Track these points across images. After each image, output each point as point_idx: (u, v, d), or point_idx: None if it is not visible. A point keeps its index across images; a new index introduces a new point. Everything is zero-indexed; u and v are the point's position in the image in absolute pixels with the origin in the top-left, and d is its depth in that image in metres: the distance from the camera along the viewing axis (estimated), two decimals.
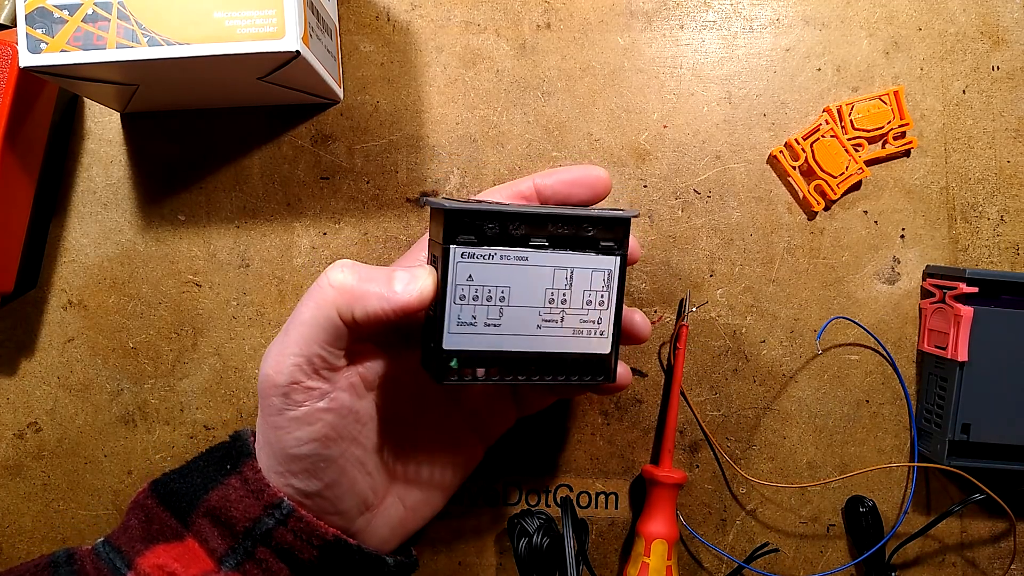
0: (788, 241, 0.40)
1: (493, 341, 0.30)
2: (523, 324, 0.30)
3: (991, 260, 0.40)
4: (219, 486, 0.31)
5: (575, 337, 0.31)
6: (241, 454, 0.31)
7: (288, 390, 0.28)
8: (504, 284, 0.29)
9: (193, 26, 0.30)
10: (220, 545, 0.30)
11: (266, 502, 0.30)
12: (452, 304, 0.29)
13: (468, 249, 0.29)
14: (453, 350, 0.29)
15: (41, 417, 0.40)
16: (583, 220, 0.30)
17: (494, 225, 0.29)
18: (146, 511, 0.31)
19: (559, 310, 0.31)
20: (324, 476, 0.30)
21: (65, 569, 0.30)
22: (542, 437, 0.40)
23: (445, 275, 0.29)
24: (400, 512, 0.34)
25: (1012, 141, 0.40)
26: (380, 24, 0.40)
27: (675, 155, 0.40)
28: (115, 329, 0.40)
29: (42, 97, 0.37)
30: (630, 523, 0.40)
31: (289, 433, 0.29)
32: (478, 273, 0.29)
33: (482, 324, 0.30)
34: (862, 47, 0.40)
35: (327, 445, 0.29)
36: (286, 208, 0.40)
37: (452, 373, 0.30)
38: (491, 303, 0.29)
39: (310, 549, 0.30)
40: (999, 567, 0.40)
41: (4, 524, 0.39)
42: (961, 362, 0.37)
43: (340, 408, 0.29)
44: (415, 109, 0.40)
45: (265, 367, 0.29)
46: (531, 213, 0.29)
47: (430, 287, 0.29)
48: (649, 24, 0.40)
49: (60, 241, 0.40)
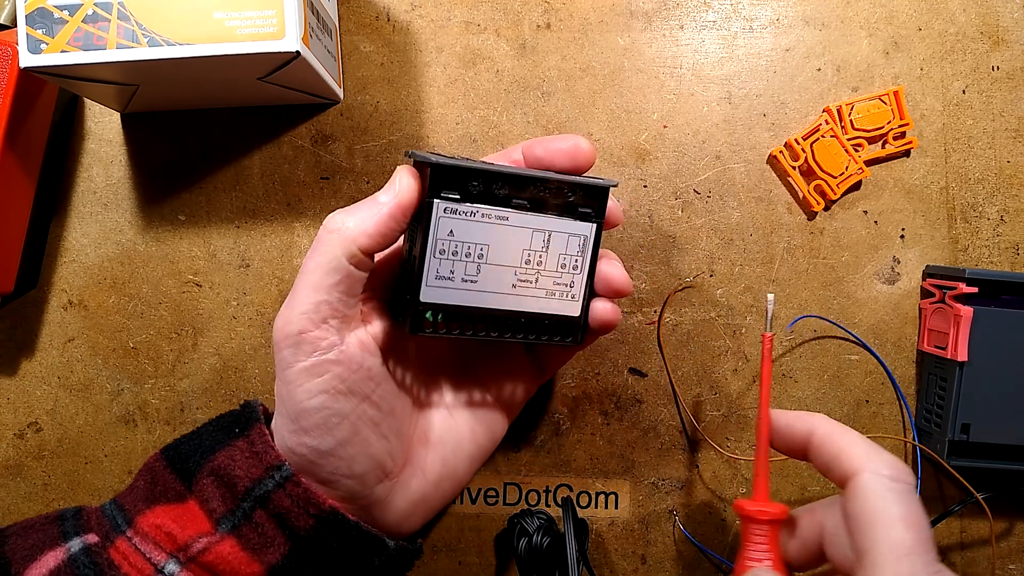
0: (788, 241, 0.40)
1: (469, 297, 0.30)
2: (499, 282, 0.31)
3: (991, 260, 0.40)
4: (225, 447, 0.31)
5: (547, 298, 0.32)
6: (251, 419, 0.32)
7: (297, 339, 0.29)
8: (483, 242, 0.30)
9: (193, 26, 0.30)
10: (220, 506, 0.30)
11: (268, 463, 0.30)
12: (432, 257, 0.29)
13: (451, 204, 0.29)
14: (429, 303, 0.30)
15: (41, 417, 0.40)
16: (564, 185, 0.31)
17: (478, 183, 0.29)
18: (153, 473, 0.32)
19: (534, 271, 0.31)
20: (336, 432, 0.30)
21: (71, 522, 0.31)
22: (542, 437, 0.40)
23: (427, 228, 0.29)
24: (422, 485, 0.34)
25: (1012, 141, 0.40)
26: (380, 24, 0.40)
27: (675, 155, 0.40)
28: (115, 329, 0.40)
29: (42, 97, 0.38)
30: (630, 523, 0.40)
31: (300, 385, 0.29)
32: (459, 229, 0.29)
33: (459, 280, 0.30)
34: (862, 47, 0.40)
35: (336, 398, 0.30)
36: (286, 208, 0.40)
37: (427, 325, 0.30)
38: (469, 259, 0.30)
39: (306, 518, 0.30)
40: (999, 567, 0.40)
41: (4, 524, 0.39)
42: (961, 362, 0.37)
43: (349, 361, 0.30)
44: (415, 109, 0.40)
45: (276, 324, 0.30)
46: (515, 174, 0.30)
47: (409, 180, 0.29)
48: (649, 24, 0.40)
49: (60, 241, 0.40)
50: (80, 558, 0.29)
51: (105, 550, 0.30)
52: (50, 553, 0.30)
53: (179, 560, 0.29)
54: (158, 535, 0.30)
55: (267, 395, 0.40)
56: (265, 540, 0.30)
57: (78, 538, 0.30)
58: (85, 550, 0.30)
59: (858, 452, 0.28)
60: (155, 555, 0.29)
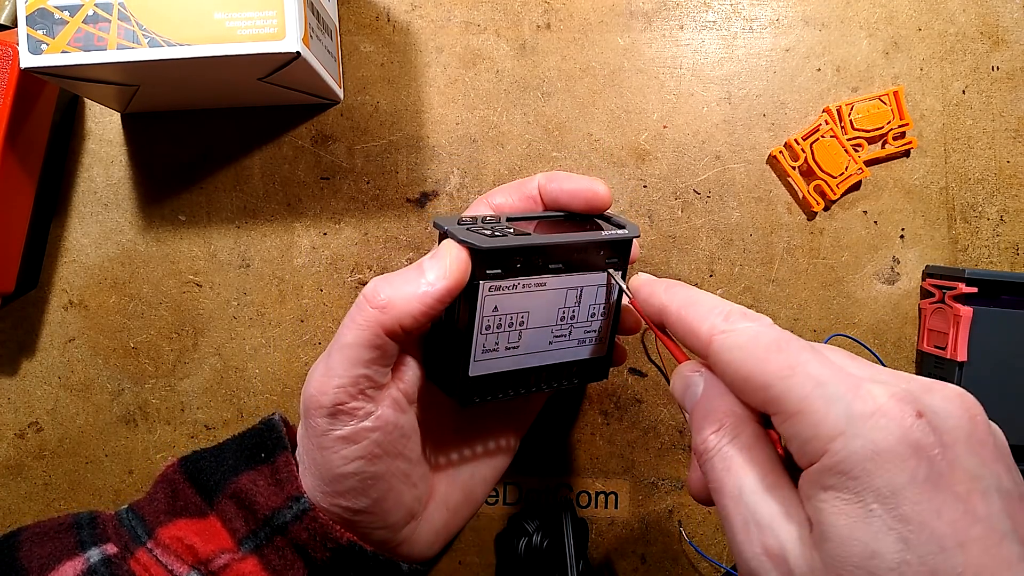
0: (788, 241, 0.40)
1: (511, 362, 0.31)
2: (538, 343, 0.31)
3: (991, 260, 0.40)
4: (249, 471, 0.31)
5: (579, 346, 0.33)
6: (277, 446, 0.32)
7: (333, 411, 0.28)
8: (524, 310, 0.30)
9: (194, 27, 0.30)
10: (242, 527, 0.30)
11: (288, 494, 0.30)
12: (478, 334, 0.29)
13: (495, 282, 0.29)
14: (478, 376, 0.30)
15: (42, 417, 0.40)
16: (598, 246, 0.31)
17: (520, 257, 0.29)
18: (173, 486, 0.32)
19: (568, 325, 0.32)
20: (372, 493, 0.30)
21: (87, 531, 0.31)
22: (542, 437, 0.40)
23: (473, 309, 0.29)
24: (444, 516, 0.34)
25: (1012, 141, 0.40)
26: (380, 24, 0.40)
27: (675, 155, 0.40)
28: (116, 329, 0.40)
29: (43, 97, 0.38)
30: (630, 523, 0.40)
31: (335, 452, 0.29)
32: (503, 303, 0.30)
33: (503, 349, 0.30)
34: (862, 47, 0.40)
35: (373, 462, 0.29)
36: (286, 208, 0.40)
37: (476, 398, 0.30)
38: (512, 328, 0.30)
39: (323, 550, 0.30)
40: None
41: (5, 524, 0.39)
42: (960, 362, 0.37)
43: (385, 425, 0.29)
44: (415, 109, 0.40)
45: (309, 388, 0.29)
46: (553, 244, 0.30)
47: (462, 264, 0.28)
48: (649, 24, 0.40)
49: (61, 241, 0.40)
50: (100, 569, 0.29)
51: (125, 561, 0.29)
52: (68, 563, 0.29)
53: (200, 573, 0.29)
54: (179, 548, 0.29)
55: (267, 395, 0.40)
56: (286, 563, 0.30)
57: (96, 548, 0.30)
58: (104, 561, 0.29)
59: (703, 328, 0.26)
60: (177, 567, 0.29)
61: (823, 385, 0.21)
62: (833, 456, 0.20)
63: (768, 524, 0.22)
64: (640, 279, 0.30)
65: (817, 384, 0.21)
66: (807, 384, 0.22)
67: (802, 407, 0.21)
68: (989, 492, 0.20)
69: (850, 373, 0.22)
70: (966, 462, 0.20)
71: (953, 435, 0.20)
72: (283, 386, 0.40)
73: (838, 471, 0.20)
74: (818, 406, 0.21)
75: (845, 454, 0.20)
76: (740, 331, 0.24)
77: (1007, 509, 0.20)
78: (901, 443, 0.20)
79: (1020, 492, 0.21)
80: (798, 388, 0.22)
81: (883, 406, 0.20)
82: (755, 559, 0.22)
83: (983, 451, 0.21)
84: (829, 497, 0.21)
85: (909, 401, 0.20)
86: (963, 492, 0.20)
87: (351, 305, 0.29)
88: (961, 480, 0.20)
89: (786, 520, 0.22)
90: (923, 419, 0.20)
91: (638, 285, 0.30)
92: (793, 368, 0.22)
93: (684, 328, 0.26)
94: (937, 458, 0.20)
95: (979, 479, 0.20)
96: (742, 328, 0.24)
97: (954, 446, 0.20)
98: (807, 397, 0.21)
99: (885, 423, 0.20)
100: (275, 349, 0.40)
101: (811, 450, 0.21)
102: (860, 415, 0.20)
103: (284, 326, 0.40)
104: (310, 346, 0.40)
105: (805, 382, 0.22)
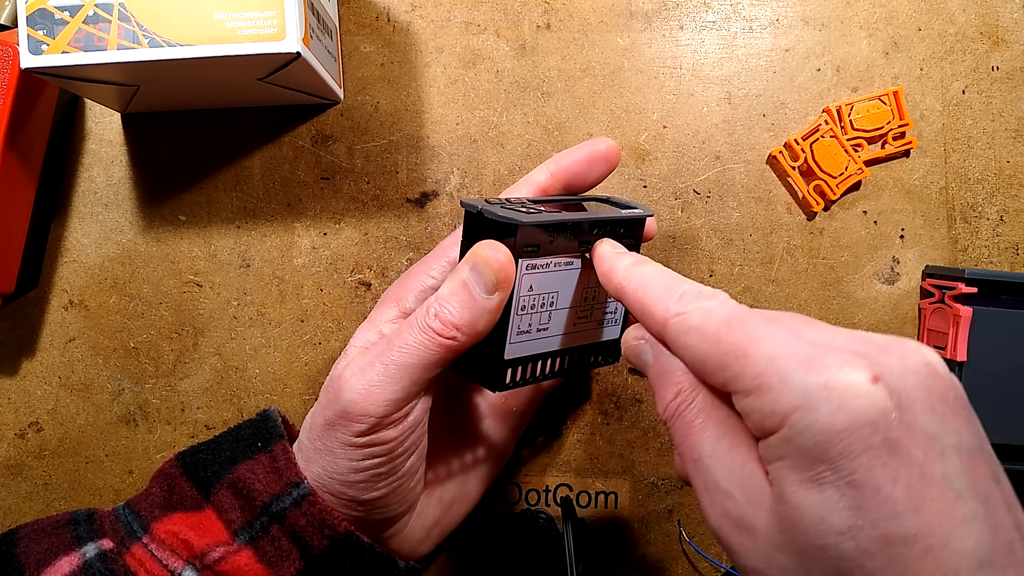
0: (788, 241, 0.40)
1: (541, 344, 0.31)
2: (564, 324, 0.31)
3: (990, 260, 0.40)
4: (247, 460, 0.31)
5: (598, 328, 0.33)
6: (273, 434, 0.32)
7: (378, 422, 0.28)
8: (554, 290, 0.30)
9: (194, 27, 0.30)
10: (238, 518, 0.30)
11: (288, 480, 0.30)
12: (514, 316, 0.29)
13: (532, 260, 0.29)
14: (512, 359, 0.30)
15: (42, 417, 0.40)
16: (618, 222, 0.31)
17: (553, 234, 0.29)
18: (169, 480, 0.32)
19: (590, 307, 0.32)
20: (381, 486, 0.30)
21: (84, 526, 0.31)
22: (542, 437, 0.40)
23: (512, 290, 0.28)
24: (436, 512, 0.34)
25: (1012, 141, 0.40)
26: (380, 24, 0.40)
27: (675, 155, 0.40)
28: (116, 329, 0.40)
29: (43, 98, 0.38)
30: (630, 523, 0.40)
31: (360, 450, 0.29)
32: (537, 283, 0.29)
33: (535, 331, 0.30)
34: (862, 47, 0.40)
35: (392, 460, 0.30)
36: (286, 208, 0.40)
37: (508, 380, 0.30)
38: (543, 309, 0.30)
39: (321, 538, 0.30)
40: None
41: (5, 524, 0.39)
42: (960, 362, 0.37)
43: (411, 427, 0.30)
44: (415, 109, 0.40)
45: (353, 393, 0.28)
46: (585, 221, 0.30)
47: (509, 270, 0.28)
48: (649, 24, 0.40)
49: (61, 241, 0.40)
50: (95, 564, 0.29)
51: (121, 556, 0.30)
52: (64, 558, 0.29)
53: (196, 567, 0.29)
54: (175, 542, 0.29)
55: (267, 395, 0.40)
56: (281, 554, 0.30)
57: (93, 543, 0.30)
58: (100, 556, 0.29)
59: (657, 312, 0.25)
60: (172, 562, 0.29)
61: (776, 360, 0.21)
62: (789, 431, 0.20)
63: (726, 488, 0.22)
64: (603, 248, 0.30)
65: (771, 360, 0.21)
66: (760, 361, 0.21)
67: (757, 384, 0.21)
68: (947, 451, 0.20)
69: (805, 343, 0.21)
70: (924, 422, 0.20)
71: (911, 395, 0.20)
72: (283, 386, 0.40)
73: (793, 446, 0.20)
74: (773, 383, 0.21)
75: (800, 428, 0.20)
76: (692, 313, 0.24)
77: (965, 467, 0.20)
78: (855, 413, 0.20)
79: (979, 445, 0.21)
80: (752, 367, 0.21)
81: (837, 377, 0.20)
82: (717, 521, 0.23)
83: (943, 407, 0.21)
84: (786, 465, 0.21)
85: (864, 367, 0.20)
86: (920, 455, 0.20)
87: (351, 305, 0.29)
88: (918, 442, 0.20)
89: (745, 482, 0.22)
90: (879, 383, 0.20)
91: (600, 259, 0.29)
92: (746, 347, 0.22)
93: (640, 311, 0.26)
94: (894, 422, 0.20)
95: (937, 439, 0.20)
96: (695, 309, 0.24)
97: (912, 407, 0.20)
98: (761, 374, 0.21)
99: (839, 394, 0.20)
100: (275, 349, 0.40)
101: (768, 426, 0.21)
102: (815, 387, 0.20)
103: (284, 326, 0.40)
104: (310, 346, 0.40)
105: (759, 360, 0.21)
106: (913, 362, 0.21)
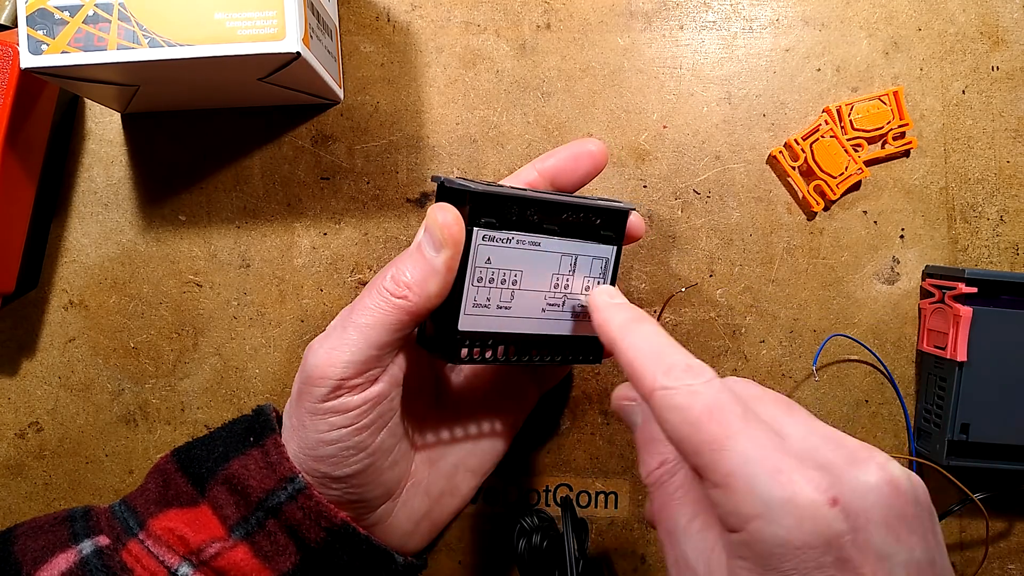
0: (788, 241, 0.40)
1: (503, 323, 0.31)
2: (531, 308, 0.31)
3: (990, 260, 0.40)
4: (240, 456, 0.31)
5: (572, 320, 0.33)
6: (265, 428, 0.32)
7: (338, 384, 0.29)
8: (517, 268, 0.30)
9: (194, 27, 0.30)
10: (233, 513, 0.30)
11: (281, 475, 0.30)
12: (470, 286, 0.29)
13: (489, 232, 0.29)
14: (467, 331, 0.30)
15: (42, 417, 0.40)
16: (592, 210, 0.31)
17: (515, 209, 0.29)
18: (164, 476, 0.32)
19: (561, 295, 0.32)
20: (352, 463, 0.30)
21: (81, 523, 0.31)
22: (542, 437, 0.40)
23: (465, 256, 0.29)
24: (424, 504, 0.34)
25: (1012, 141, 0.40)
26: (380, 24, 0.40)
27: (675, 155, 0.40)
28: (116, 329, 0.40)
29: (43, 98, 0.38)
30: (630, 523, 0.40)
31: (324, 419, 0.29)
32: (496, 256, 0.29)
33: (495, 307, 0.30)
34: (862, 47, 0.40)
35: (359, 432, 0.30)
36: (286, 208, 0.40)
37: (464, 354, 0.30)
38: (504, 286, 0.30)
39: (317, 530, 0.30)
40: (999, 567, 0.40)
41: (5, 524, 0.39)
42: (960, 362, 0.37)
43: (377, 398, 0.30)
44: (415, 109, 0.40)
45: (315, 358, 0.29)
46: (550, 200, 0.30)
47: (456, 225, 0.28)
48: (649, 24, 0.40)
49: (61, 241, 0.40)
50: (92, 560, 0.29)
51: (117, 552, 0.30)
52: (61, 555, 0.29)
53: (192, 563, 0.29)
54: (171, 538, 0.30)
55: (267, 395, 0.40)
56: (277, 549, 0.30)
57: (89, 540, 0.30)
58: (97, 552, 0.30)
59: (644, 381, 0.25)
60: (168, 558, 0.29)
61: (748, 463, 0.22)
62: (749, 535, 0.22)
63: (694, 566, 0.24)
64: (599, 298, 0.30)
65: (744, 462, 0.22)
66: (734, 460, 0.22)
67: (727, 482, 0.22)
68: (895, 569, 0.21)
69: (777, 450, 0.22)
70: (877, 541, 0.21)
71: (867, 515, 0.21)
72: (283, 386, 0.40)
73: (752, 550, 0.21)
74: (740, 485, 0.22)
75: (759, 536, 0.21)
76: (677, 392, 0.24)
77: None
78: (811, 533, 0.21)
79: (930, 558, 0.22)
80: (725, 463, 0.22)
81: (800, 495, 0.21)
82: None
83: (899, 525, 0.22)
84: (744, 566, 0.22)
85: (825, 489, 0.21)
86: (869, 572, 0.21)
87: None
88: (869, 560, 0.21)
89: (712, 566, 0.23)
90: (837, 507, 0.21)
91: (595, 305, 0.30)
92: (722, 442, 0.23)
93: (629, 373, 0.27)
94: (847, 544, 0.21)
95: (887, 558, 0.21)
96: (680, 388, 0.24)
97: (866, 527, 0.21)
98: (731, 474, 0.22)
99: (799, 513, 0.21)
100: (275, 349, 0.40)
101: (731, 523, 0.22)
102: (778, 501, 0.21)
103: (284, 326, 0.40)
104: None
105: (732, 458, 0.22)
106: (876, 479, 0.22)
